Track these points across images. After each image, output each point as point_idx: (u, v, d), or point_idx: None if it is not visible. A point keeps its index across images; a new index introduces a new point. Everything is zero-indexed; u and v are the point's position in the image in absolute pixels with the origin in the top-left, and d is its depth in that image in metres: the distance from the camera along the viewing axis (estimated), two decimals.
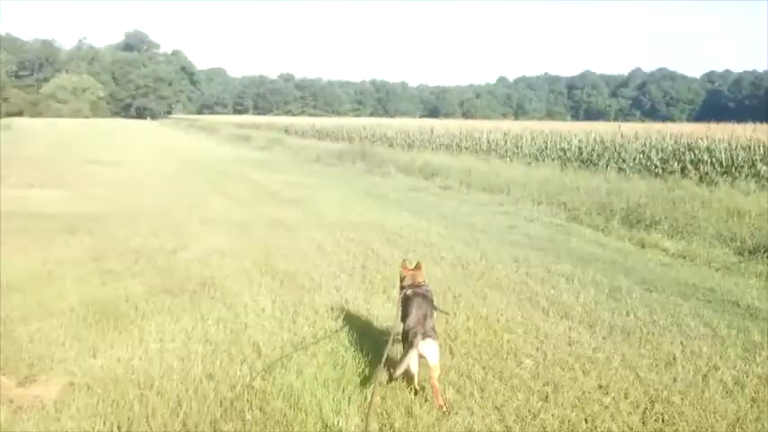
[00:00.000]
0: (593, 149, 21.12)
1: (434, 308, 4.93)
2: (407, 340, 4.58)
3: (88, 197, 14.27)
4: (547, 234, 11.40)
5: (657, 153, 19.39)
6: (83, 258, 8.40)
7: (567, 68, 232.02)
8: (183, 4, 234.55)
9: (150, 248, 9.10)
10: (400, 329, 4.80)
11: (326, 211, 13.59)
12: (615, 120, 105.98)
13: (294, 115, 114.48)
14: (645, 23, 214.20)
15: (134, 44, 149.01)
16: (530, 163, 22.57)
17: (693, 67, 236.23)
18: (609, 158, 20.10)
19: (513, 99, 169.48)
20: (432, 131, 33.31)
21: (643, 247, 10.50)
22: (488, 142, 26.71)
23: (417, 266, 5.38)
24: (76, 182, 17.13)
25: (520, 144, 24.93)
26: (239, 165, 25.31)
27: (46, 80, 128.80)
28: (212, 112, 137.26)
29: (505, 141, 26.29)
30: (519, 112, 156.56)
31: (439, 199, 16.27)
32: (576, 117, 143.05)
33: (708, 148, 18.03)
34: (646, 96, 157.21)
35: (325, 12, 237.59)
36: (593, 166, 20.24)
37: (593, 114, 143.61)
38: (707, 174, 17.34)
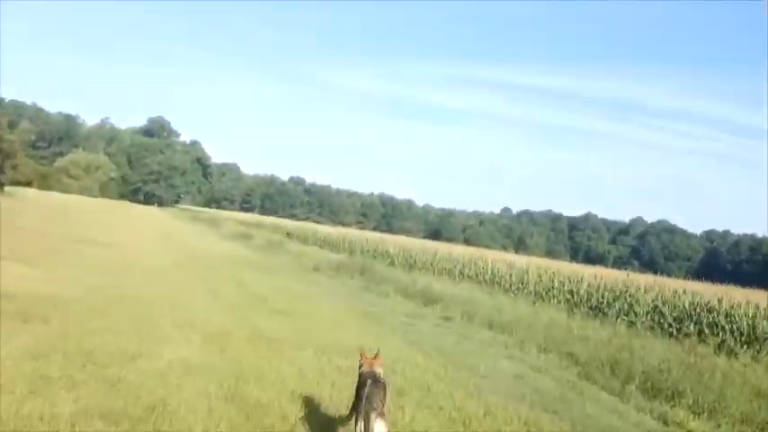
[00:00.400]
0: (602, 297, 20.07)
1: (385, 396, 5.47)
2: (361, 419, 5.09)
3: (63, 278, 13.10)
4: (559, 393, 10.09)
5: (671, 310, 18.36)
6: (23, 355, 7.16)
7: (571, 208, 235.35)
8: (210, 98, 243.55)
9: (106, 350, 7.87)
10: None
11: (316, 329, 12.39)
12: (614, 266, 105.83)
13: (299, 219, 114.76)
14: (650, 174, 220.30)
15: (155, 130, 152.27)
16: (534, 302, 21.48)
17: (694, 223, 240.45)
18: (619, 309, 19.01)
19: (514, 231, 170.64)
20: (435, 254, 32.55)
21: (666, 424, 9.22)
22: (492, 273, 25.76)
23: (376, 356, 5.96)
24: (57, 260, 16.02)
25: (525, 279, 23.97)
26: (234, 264, 24.28)
27: (62, 154, 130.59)
28: (219, 207, 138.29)
29: (510, 275, 25.35)
30: (519, 246, 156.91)
31: (438, 331, 15.05)
32: (575, 258, 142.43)
33: (727, 314, 16.97)
34: (645, 247, 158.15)
35: (341, 122, 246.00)
36: (601, 315, 19.13)
37: (592, 258, 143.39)
38: (724, 341, 16.21)
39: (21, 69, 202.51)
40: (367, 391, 5.29)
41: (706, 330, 16.78)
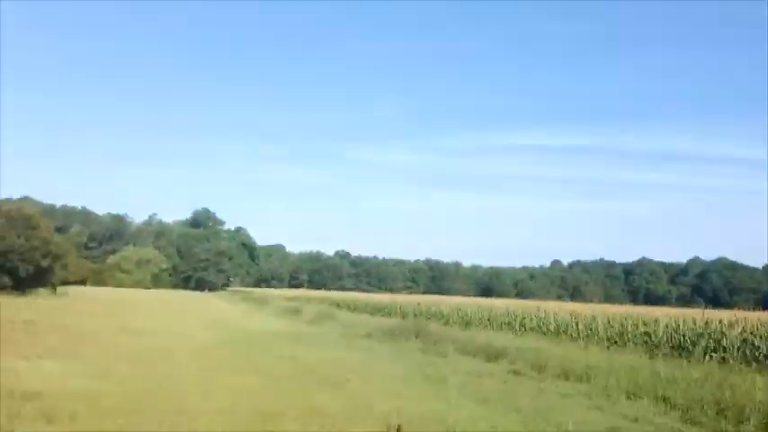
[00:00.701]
0: (683, 336, 18.21)
1: None
2: None
3: (98, 371, 12.19)
4: None
5: (765, 342, 16.46)
6: None
7: (624, 254, 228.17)
8: (251, 187, 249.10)
9: None
10: None
11: (375, 398, 11.15)
12: (677, 305, 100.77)
13: (348, 290, 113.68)
14: (701, 216, 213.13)
15: (201, 221, 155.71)
16: (608, 348, 19.73)
17: (754, 258, 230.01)
18: (706, 346, 17.17)
19: (567, 282, 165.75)
20: (491, 310, 30.95)
21: None
22: (556, 322, 24.02)
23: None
24: (96, 353, 15.18)
25: (593, 326, 22.19)
26: (282, 339, 23.22)
27: (114, 252, 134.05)
28: (268, 286, 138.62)
29: (575, 323, 23.55)
30: (575, 295, 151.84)
31: (509, 386, 13.55)
32: (634, 302, 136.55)
33: None
34: (707, 284, 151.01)
35: (381, 194, 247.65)
36: (686, 355, 17.30)
37: (652, 300, 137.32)
38: None
39: (67, 177, 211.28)
40: None
41: None
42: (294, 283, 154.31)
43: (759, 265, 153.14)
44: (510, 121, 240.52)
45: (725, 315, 22.56)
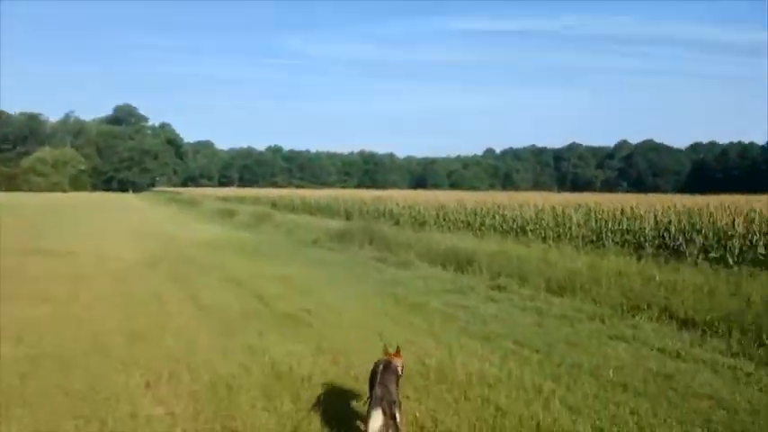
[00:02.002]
0: (674, 234, 16.38)
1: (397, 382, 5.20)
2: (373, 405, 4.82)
3: None
4: (729, 389, 6.59)
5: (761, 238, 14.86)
6: None
7: (554, 140, 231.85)
8: (176, 79, 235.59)
9: None
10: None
11: (347, 341, 8.80)
12: (602, 190, 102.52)
13: (280, 187, 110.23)
14: (630, 98, 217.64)
15: (122, 117, 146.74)
16: (583, 247, 18.02)
17: (679, 139, 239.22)
18: (700, 247, 15.40)
19: (500, 170, 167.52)
20: (443, 207, 28.87)
21: None
22: (523, 219, 22.07)
23: (397, 353, 5.65)
24: None
25: (565, 222, 20.37)
26: (219, 250, 20.49)
27: (28, 154, 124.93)
28: (197, 185, 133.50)
29: (541, 219, 21.64)
30: (506, 183, 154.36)
31: (503, 308, 11.40)
32: (562, 188, 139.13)
33: None
34: (632, 168, 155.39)
35: (313, 86, 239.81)
36: (676, 255, 15.54)
37: (579, 185, 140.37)
38: None
39: None
40: (378, 377, 5.04)
41: None
42: (224, 181, 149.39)
43: (682, 146, 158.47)
44: (438, 3, 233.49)
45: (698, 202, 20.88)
